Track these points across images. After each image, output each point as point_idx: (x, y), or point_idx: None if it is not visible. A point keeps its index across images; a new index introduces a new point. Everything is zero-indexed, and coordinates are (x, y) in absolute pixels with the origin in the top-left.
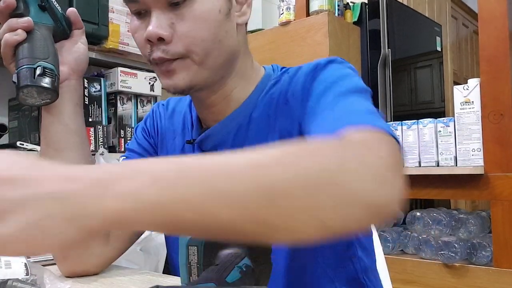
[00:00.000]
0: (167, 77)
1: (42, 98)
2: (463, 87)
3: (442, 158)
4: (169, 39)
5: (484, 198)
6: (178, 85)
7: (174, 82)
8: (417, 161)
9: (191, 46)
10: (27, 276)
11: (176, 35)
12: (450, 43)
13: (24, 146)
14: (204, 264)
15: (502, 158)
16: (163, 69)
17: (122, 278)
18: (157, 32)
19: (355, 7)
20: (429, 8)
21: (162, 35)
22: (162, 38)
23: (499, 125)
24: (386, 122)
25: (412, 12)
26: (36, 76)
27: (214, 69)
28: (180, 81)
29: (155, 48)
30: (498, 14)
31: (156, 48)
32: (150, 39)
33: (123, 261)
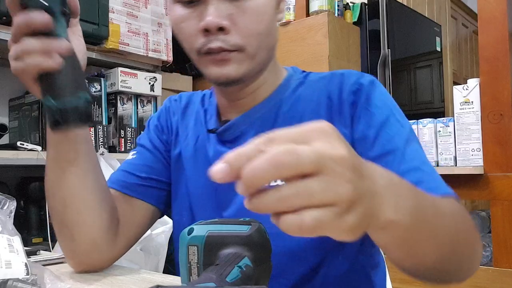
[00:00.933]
0: (220, 66)
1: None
2: (462, 87)
3: (442, 158)
4: (228, 29)
5: (484, 198)
6: (230, 75)
7: (226, 72)
8: None
9: (249, 39)
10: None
11: (236, 26)
12: (449, 43)
13: (24, 146)
14: (204, 264)
15: (501, 158)
16: (218, 58)
17: (123, 278)
18: (218, 22)
19: (355, 7)
20: (428, 8)
21: (223, 25)
22: (222, 28)
23: (499, 125)
24: None
25: (411, 12)
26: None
27: (261, 63)
28: (233, 72)
29: (213, 38)
30: (497, 14)
31: (215, 38)
32: (208, 29)
33: (123, 261)
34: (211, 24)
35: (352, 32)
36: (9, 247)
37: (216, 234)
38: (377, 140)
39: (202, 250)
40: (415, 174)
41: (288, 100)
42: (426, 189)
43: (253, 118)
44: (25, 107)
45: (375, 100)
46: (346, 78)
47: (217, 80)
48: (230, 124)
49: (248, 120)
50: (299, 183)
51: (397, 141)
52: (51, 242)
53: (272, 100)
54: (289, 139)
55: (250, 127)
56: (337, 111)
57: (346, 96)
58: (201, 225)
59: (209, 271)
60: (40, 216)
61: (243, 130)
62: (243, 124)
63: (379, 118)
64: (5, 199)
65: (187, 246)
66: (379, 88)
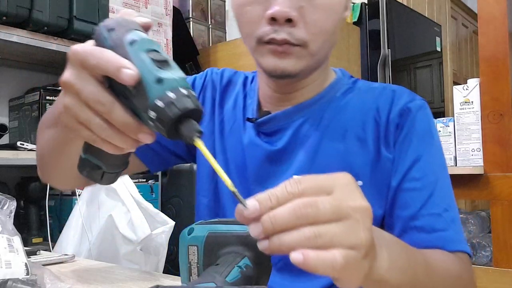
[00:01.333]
0: (279, 58)
1: None
2: (462, 87)
3: None
4: (296, 21)
5: (484, 198)
6: (287, 69)
7: (284, 66)
8: None
9: (314, 36)
10: (28, 276)
11: (304, 20)
12: (449, 43)
13: (24, 146)
14: (204, 264)
15: (501, 158)
16: (280, 50)
17: (123, 277)
18: (288, 12)
19: (355, 7)
20: (428, 8)
21: (292, 17)
22: (289, 20)
23: (499, 125)
24: None
25: (412, 13)
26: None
27: (319, 61)
28: (291, 66)
29: (278, 28)
30: (497, 14)
31: (281, 29)
32: (276, 18)
33: (123, 261)
34: (280, 14)
35: (352, 32)
36: (9, 247)
37: (216, 234)
38: (408, 173)
39: (202, 250)
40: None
41: (334, 105)
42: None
43: (295, 116)
44: (25, 107)
45: (419, 129)
46: (397, 96)
47: (272, 72)
48: (271, 117)
49: (290, 117)
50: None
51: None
52: (51, 242)
53: (318, 101)
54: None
55: (290, 124)
56: (384, 130)
57: (394, 116)
58: (201, 225)
59: (209, 271)
60: (40, 216)
61: (283, 125)
62: (284, 119)
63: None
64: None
65: (187, 246)
66: (426, 116)
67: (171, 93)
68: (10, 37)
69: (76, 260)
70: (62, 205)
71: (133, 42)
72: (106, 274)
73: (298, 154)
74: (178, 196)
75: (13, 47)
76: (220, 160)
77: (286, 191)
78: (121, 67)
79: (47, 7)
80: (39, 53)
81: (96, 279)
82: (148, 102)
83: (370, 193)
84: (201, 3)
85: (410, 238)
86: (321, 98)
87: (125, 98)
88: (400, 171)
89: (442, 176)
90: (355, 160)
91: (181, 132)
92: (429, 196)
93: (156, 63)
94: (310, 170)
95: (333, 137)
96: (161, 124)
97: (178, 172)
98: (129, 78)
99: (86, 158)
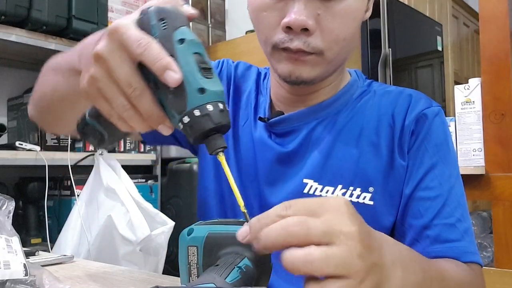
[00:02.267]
0: (294, 64)
1: None
2: (464, 87)
3: None
4: (313, 30)
5: (485, 198)
6: (302, 76)
7: (299, 73)
8: None
9: (331, 44)
10: (26, 276)
11: (321, 28)
12: (451, 42)
13: (23, 146)
14: (204, 265)
15: (503, 158)
16: (294, 57)
17: (122, 278)
18: (304, 22)
19: None
20: (429, 8)
21: (308, 26)
22: (305, 28)
23: (500, 125)
24: None
25: (412, 12)
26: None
27: (336, 66)
28: (305, 74)
29: (294, 38)
30: (499, 14)
31: (296, 38)
32: (292, 27)
33: (122, 262)
34: (296, 23)
35: None
36: (8, 247)
37: (216, 235)
38: (422, 182)
39: (202, 250)
40: (446, 230)
41: (349, 108)
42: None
43: (309, 118)
44: (24, 107)
45: (435, 136)
46: (414, 101)
47: (287, 77)
48: (284, 118)
49: (304, 119)
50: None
51: (440, 190)
52: (50, 243)
53: (333, 103)
54: (306, 209)
55: (303, 126)
56: (398, 136)
57: (410, 122)
58: (201, 226)
59: (209, 272)
60: (39, 216)
61: (296, 127)
62: (297, 121)
63: (432, 158)
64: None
65: (187, 247)
66: (442, 124)
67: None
68: (8, 36)
69: (75, 261)
70: (61, 205)
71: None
72: (105, 275)
73: (310, 156)
74: (177, 196)
75: (11, 46)
76: (231, 157)
77: (276, 214)
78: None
79: (45, 6)
80: (38, 53)
81: (95, 280)
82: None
83: (382, 199)
84: (200, 2)
85: (422, 247)
86: (336, 100)
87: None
88: (414, 179)
89: (456, 186)
90: (367, 166)
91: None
92: (443, 205)
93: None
94: (321, 173)
95: (346, 141)
96: (190, 130)
97: (178, 173)
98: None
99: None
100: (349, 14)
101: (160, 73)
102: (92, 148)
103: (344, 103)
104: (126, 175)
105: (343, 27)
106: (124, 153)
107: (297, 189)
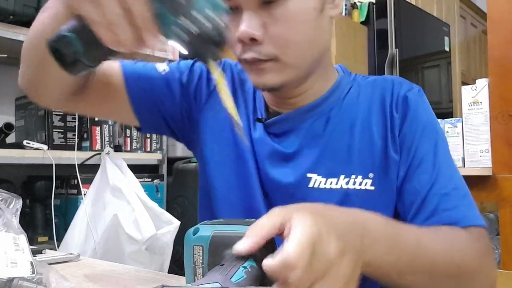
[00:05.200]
0: (256, 74)
1: None
2: (471, 88)
3: None
4: (261, 39)
5: (492, 199)
6: (267, 84)
7: (263, 81)
8: None
9: (283, 49)
10: (33, 274)
11: (269, 35)
12: (458, 43)
13: (30, 145)
14: (209, 264)
15: (510, 159)
16: (254, 68)
17: (128, 277)
18: (249, 32)
19: (363, 6)
20: (437, 8)
21: (254, 36)
22: (255, 39)
23: (508, 126)
24: None
25: (420, 12)
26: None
27: (305, 68)
28: (270, 81)
29: (247, 49)
30: (507, 14)
31: (248, 49)
32: (242, 39)
33: (128, 260)
34: (244, 35)
35: (359, 32)
36: (15, 245)
37: (222, 234)
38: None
39: (207, 250)
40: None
41: (340, 103)
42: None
43: (304, 116)
44: (31, 106)
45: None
46: (396, 85)
47: (256, 87)
48: (281, 118)
49: (299, 118)
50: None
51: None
52: (57, 241)
53: (325, 100)
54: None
55: (300, 124)
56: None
57: (396, 105)
58: (206, 225)
59: (214, 271)
60: (45, 215)
61: (292, 126)
62: (293, 120)
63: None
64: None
65: (192, 246)
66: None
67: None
68: (17, 36)
69: (81, 260)
70: (68, 204)
71: None
72: (111, 273)
73: (310, 152)
74: (183, 196)
75: (20, 46)
76: (232, 158)
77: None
78: None
79: None
80: None
81: (101, 278)
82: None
83: (382, 184)
84: None
85: (422, 221)
86: (328, 97)
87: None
88: (407, 161)
89: (446, 160)
90: (365, 153)
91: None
92: (437, 178)
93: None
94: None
95: (342, 133)
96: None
97: (184, 172)
98: None
99: (69, 36)
100: (293, 17)
101: None
102: (98, 148)
103: (336, 99)
104: (132, 175)
105: (290, 30)
106: (130, 152)
107: (302, 184)
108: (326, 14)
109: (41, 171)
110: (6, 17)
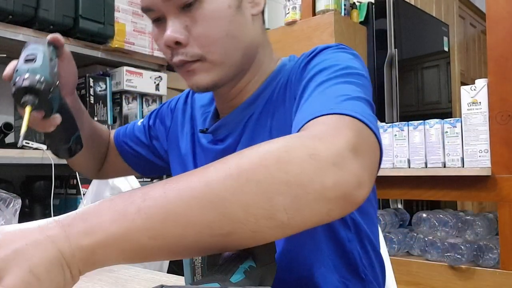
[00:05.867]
0: (187, 76)
1: None
2: (470, 88)
3: (449, 159)
4: (185, 42)
5: (491, 199)
6: (199, 84)
7: (196, 82)
8: (424, 162)
9: (207, 47)
10: None
11: (193, 37)
12: (457, 43)
13: (29, 145)
14: (208, 264)
15: (509, 160)
16: (184, 70)
17: (127, 277)
18: (173, 36)
19: (362, 6)
20: (436, 8)
21: (178, 39)
22: (179, 42)
23: (507, 126)
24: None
25: (419, 12)
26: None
27: (234, 65)
28: (202, 81)
29: (175, 53)
30: (506, 14)
31: (176, 53)
32: (168, 44)
33: None
34: (168, 40)
35: (358, 32)
36: None
37: None
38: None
39: None
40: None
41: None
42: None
43: (241, 116)
44: None
45: (313, 62)
46: (303, 55)
47: (191, 89)
48: (219, 123)
49: (237, 119)
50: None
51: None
52: None
53: (259, 95)
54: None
55: (238, 125)
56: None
57: (298, 74)
58: None
59: (213, 272)
60: (45, 215)
61: (233, 128)
62: (232, 122)
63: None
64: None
65: None
66: (329, 50)
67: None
68: (16, 36)
69: None
70: (67, 204)
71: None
72: (110, 273)
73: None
74: None
75: (19, 46)
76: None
77: None
78: None
79: (53, 6)
80: None
81: (101, 278)
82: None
83: None
84: None
85: None
86: (263, 91)
87: None
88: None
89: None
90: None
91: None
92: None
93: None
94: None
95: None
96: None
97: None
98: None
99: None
100: (210, 16)
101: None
102: None
103: (271, 90)
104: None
105: (209, 28)
106: None
107: None
108: (246, 11)
109: (40, 171)
110: (5, 17)
